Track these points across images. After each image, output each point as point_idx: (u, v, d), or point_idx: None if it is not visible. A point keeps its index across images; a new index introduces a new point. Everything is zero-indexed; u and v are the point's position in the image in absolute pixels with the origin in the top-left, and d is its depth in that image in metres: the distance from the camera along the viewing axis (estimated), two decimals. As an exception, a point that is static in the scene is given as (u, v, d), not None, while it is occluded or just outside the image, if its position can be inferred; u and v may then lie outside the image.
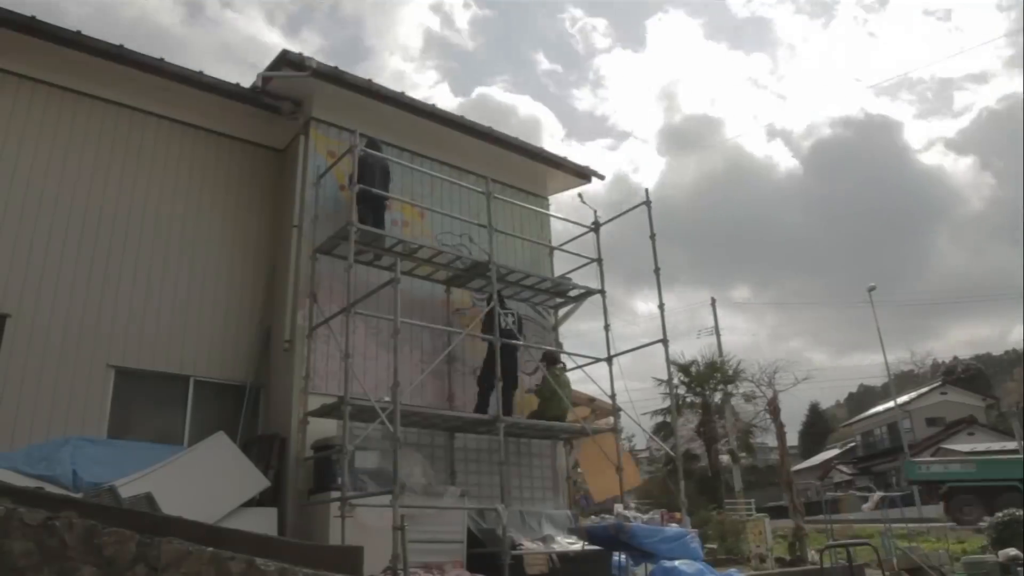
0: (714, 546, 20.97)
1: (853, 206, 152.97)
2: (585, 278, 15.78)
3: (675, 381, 37.71)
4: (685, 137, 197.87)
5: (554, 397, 13.90)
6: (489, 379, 13.23)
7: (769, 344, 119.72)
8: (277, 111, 13.81)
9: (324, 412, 11.52)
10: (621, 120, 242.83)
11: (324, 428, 11.79)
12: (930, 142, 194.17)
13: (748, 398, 38.97)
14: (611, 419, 15.31)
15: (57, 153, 12.22)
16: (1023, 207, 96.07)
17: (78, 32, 12.07)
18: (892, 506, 28.50)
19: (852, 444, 77.08)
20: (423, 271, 14.01)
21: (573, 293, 15.69)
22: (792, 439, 71.67)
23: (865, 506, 24.47)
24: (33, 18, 11.66)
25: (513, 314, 14.12)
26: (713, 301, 47.69)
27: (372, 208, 12.80)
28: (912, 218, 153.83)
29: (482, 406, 13.36)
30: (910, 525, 29.23)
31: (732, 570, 14.08)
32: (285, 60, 12.94)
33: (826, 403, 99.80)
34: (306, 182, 13.30)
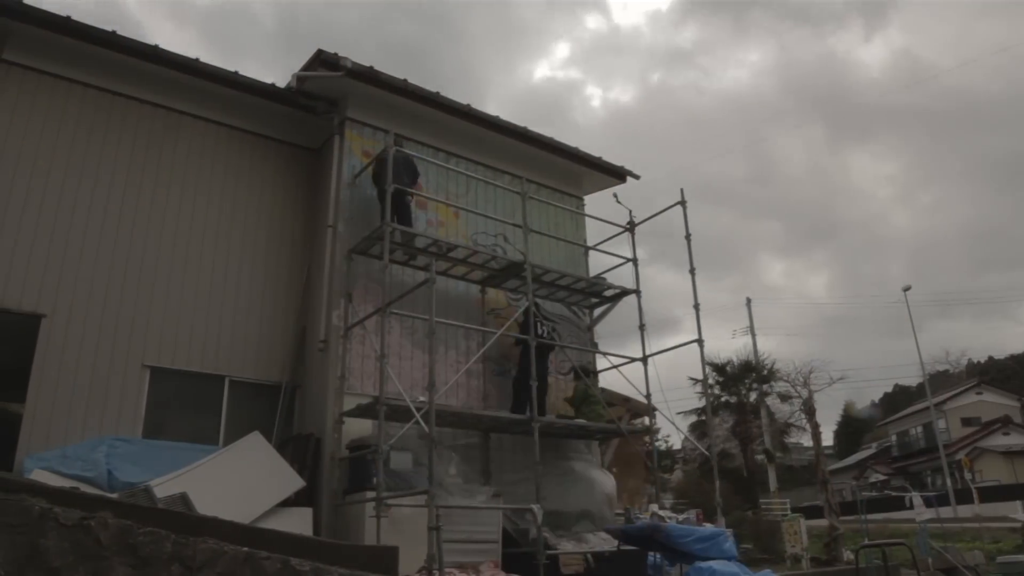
0: (749, 546, 20.88)
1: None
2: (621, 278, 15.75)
3: (710, 381, 37.61)
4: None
5: (584, 405, 13.88)
6: (525, 382, 13.23)
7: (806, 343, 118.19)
8: (312, 111, 13.82)
9: (359, 412, 11.50)
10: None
11: (359, 428, 11.78)
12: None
13: (784, 398, 38.76)
14: (646, 418, 15.26)
15: (92, 153, 12.26)
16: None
17: (113, 32, 12.12)
18: (928, 506, 28.31)
19: (888, 444, 76.70)
20: (458, 271, 13.98)
21: (608, 293, 15.62)
22: (828, 438, 71.28)
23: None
24: (68, 18, 11.72)
25: (548, 323, 14.01)
26: (748, 301, 47.55)
27: (396, 205, 12.71)
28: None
29: (519, 408, 13.26)
30: (945, 525, 29.06)
31: (767, 570, 13.97)
32: (320, 60, 12.94)
33: (861, 403, 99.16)
34: (341, 182, 13.30)
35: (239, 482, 10.29)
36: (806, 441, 41.40)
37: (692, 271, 14.93)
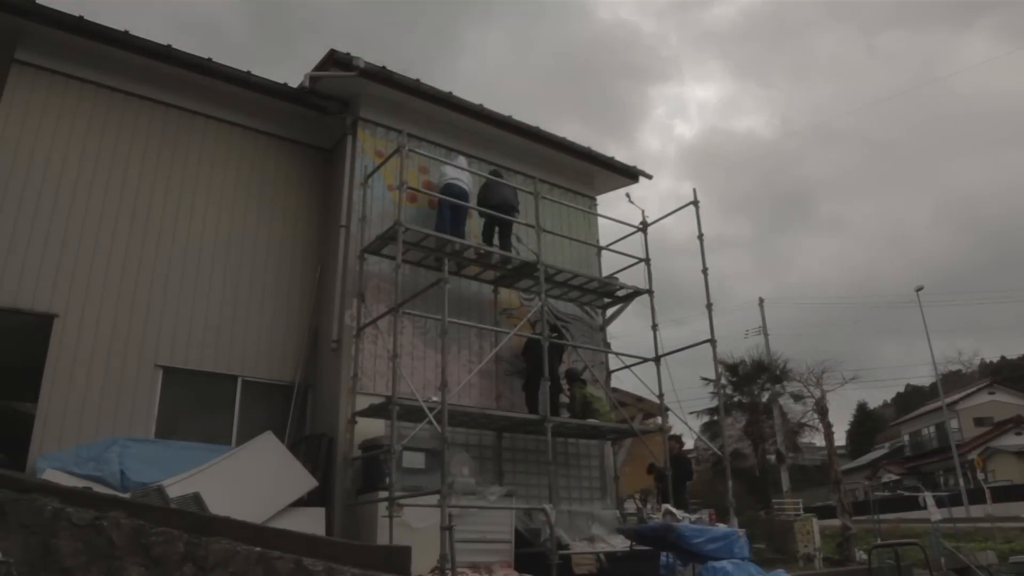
0: (762, 546, 20.85)
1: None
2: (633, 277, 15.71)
3: (722, 381, 37.54)
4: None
5: (586, 412, 13.85)
6: (533, 382, 13.26)
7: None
8: (324, 111, 13.82)
9: (372, 412, 11.49)
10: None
11: (372, 428, 11.77)
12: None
13: (796, 398, 38.68)
14: (659, 418, 15.24)
15: (105, 154, 12.26)
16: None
17: (126, 32, 12.13)
18: (940, 506, 28.28)
19: (900, 444, 76.62)
20: (471, 271, 13.98)
21: (621, 293, 15.58)
22: (840, 439, 71.12)
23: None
24: (81, 18, 11.73)
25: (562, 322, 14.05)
26: (761, 301, 47.45)
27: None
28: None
29: (532, 406, 13.31)
30: (958, 525, 29.02)
31: (780, 570, 13.95)
32: (333, 60, 12.93)
33: (874, 403, 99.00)
34: (353, 182, 13.29)
35: (252, 482, 10.28)
36: (819, 441, 41.31)
37: (704, 271, 14.87)
